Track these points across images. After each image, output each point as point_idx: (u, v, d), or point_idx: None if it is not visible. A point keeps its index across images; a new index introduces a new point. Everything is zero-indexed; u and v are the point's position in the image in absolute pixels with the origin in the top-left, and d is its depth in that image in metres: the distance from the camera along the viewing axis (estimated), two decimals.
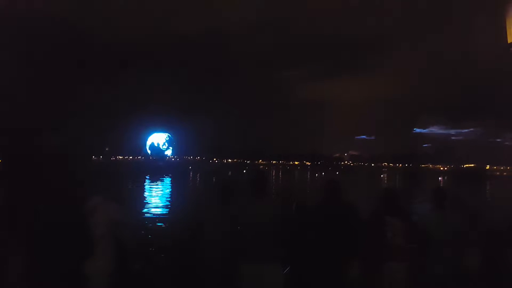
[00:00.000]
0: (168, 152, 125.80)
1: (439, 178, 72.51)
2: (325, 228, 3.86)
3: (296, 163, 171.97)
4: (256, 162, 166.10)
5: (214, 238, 3.70)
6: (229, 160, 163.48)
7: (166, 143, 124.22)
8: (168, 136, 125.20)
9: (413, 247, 3.91)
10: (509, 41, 3.57)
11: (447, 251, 3.90)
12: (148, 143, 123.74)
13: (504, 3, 3.64)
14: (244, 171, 67.34)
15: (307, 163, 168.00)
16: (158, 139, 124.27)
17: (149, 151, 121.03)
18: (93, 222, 3.48)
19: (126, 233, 3.54)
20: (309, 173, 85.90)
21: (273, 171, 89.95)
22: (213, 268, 3.70)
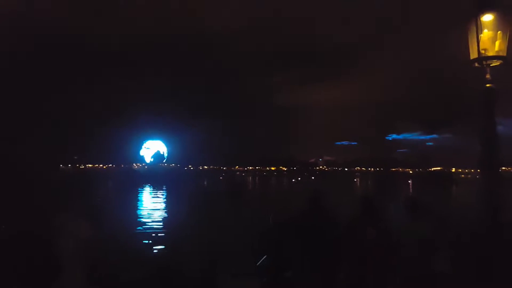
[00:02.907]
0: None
1: (409, 181, 74.75)
2: (305, 240, 3.99)
3: (273, 168, 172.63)
4: (233, 168, 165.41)
5: (191, 250, 3.71)
6: (205, 167, 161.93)
7: (166, 152, 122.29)
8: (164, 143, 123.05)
9: (389, 252, 4.08)
10: (471, 58, 3.83)
11: (420, 254, 4.09)
12: (149, 151, 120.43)
13: (466, 21, 3.90)
14: (221, 177, 66.86)
15: (283, 168, 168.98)
16: (159, 147, 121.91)
17: (151, 159, 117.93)
18: (61, 239, 3.36)
19: (97, 249, 3.44)
20: (285, 179, 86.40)
21: (249, 178, 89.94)
22: (190, 281, 3.71)
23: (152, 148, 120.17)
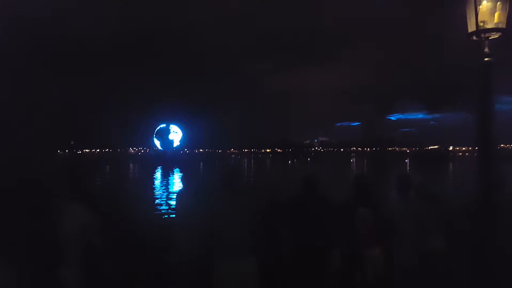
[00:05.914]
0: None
1: (406, 161, 75.27)
2: (300, 222, 3.95)
3: (268, 150, 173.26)
4: (228, 151, 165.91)
5: (189, 235, 3.65)
6: (200, 150, 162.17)
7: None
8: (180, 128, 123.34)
9: (384, 234, 4.03)
10: (469, 31, 3.69)
11: (414, 235, 4.04)
12: (177, 135, 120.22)
13: None
14: (216, 161, 66.99)
15: (278, 150, 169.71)
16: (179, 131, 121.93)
17: (178, 143, 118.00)
18: (61, 226, 3.28)
19: (98, 236, 3.36)
20: (281, 160, 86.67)
21: (245, 160, 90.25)
22: (188, 264, 3.66)
23: (179, 132, 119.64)
